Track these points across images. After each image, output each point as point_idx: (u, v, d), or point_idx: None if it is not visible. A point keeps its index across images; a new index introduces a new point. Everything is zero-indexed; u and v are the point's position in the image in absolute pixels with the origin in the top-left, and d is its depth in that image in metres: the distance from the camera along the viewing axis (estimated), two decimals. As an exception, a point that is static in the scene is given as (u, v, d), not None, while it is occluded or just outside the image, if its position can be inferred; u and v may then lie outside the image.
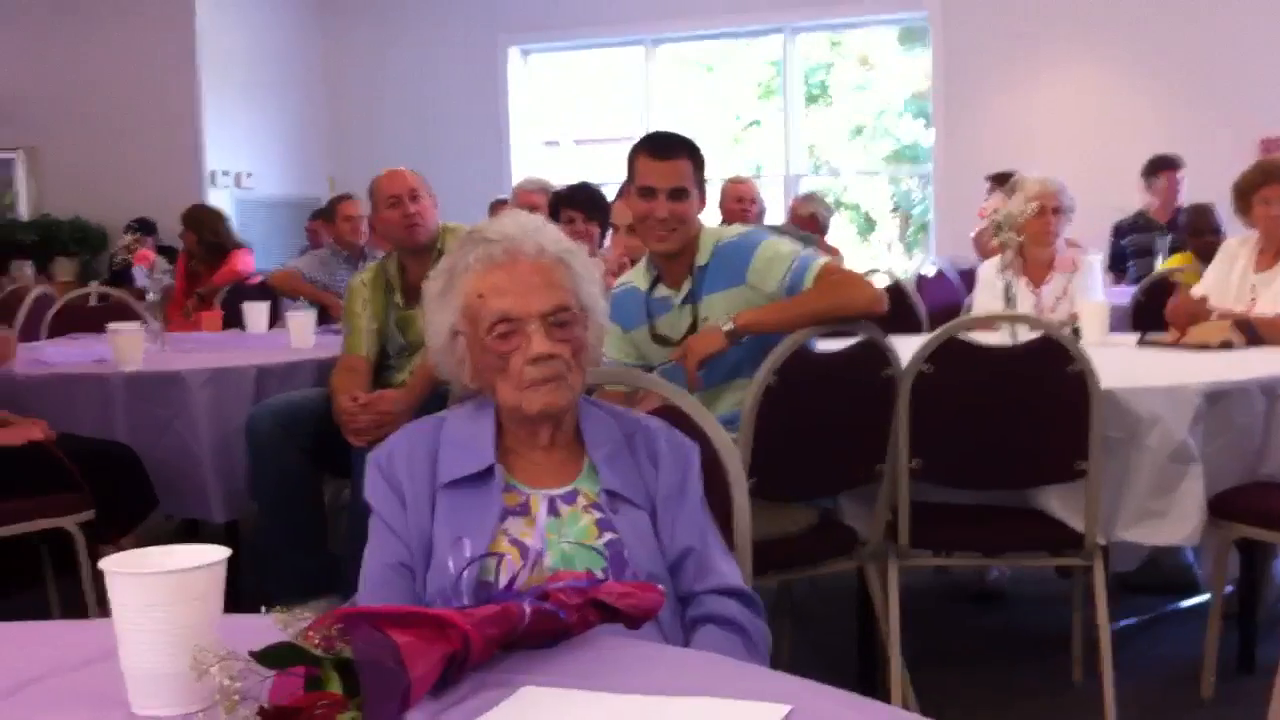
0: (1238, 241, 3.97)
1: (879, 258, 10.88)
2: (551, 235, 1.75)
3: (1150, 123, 7.73)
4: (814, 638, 3.54)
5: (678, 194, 2.84)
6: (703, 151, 2.95)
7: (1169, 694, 3.18)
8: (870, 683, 3.05)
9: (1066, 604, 3.35)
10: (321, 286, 5.52)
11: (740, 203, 5.91)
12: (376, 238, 5.16)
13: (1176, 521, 2.91)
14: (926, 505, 2.92)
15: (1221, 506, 2.98)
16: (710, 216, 3.13)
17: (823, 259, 2.83)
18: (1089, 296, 4.05)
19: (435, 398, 3.25)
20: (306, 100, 9.82)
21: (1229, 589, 3.28)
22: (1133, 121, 7.84)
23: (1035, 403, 2.84)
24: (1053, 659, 3.35)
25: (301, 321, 4.36)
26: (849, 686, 1.19)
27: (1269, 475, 3.10)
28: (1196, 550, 3.67)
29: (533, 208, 3.97)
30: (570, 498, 1.67)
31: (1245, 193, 3.78)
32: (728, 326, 2.72)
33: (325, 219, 6.66)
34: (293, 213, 9.10)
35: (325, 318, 5.07)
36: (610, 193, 4.71)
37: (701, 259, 2.89)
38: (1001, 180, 6.55)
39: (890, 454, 2.85)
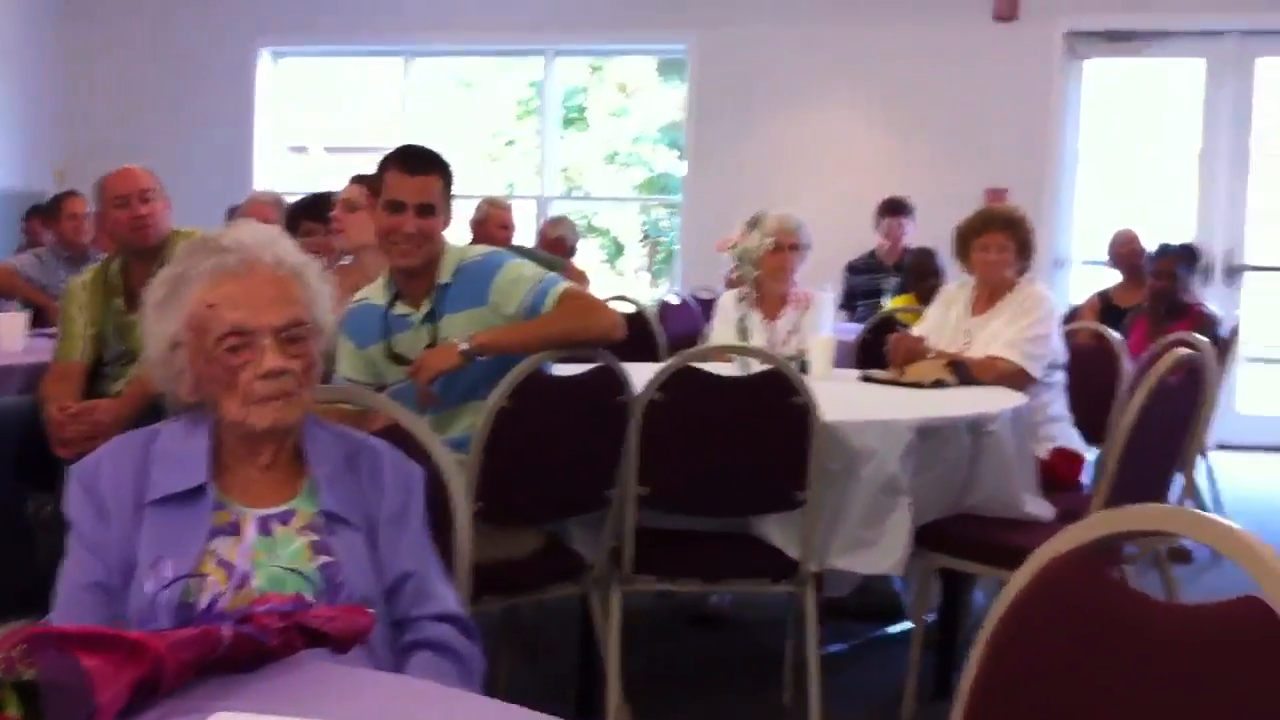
0: (956, 285, 4.21)
1: (627, 284, 11.07)
2: (287, 248, 1.72)
3: (888, 167, 8.12)
4: (539, 663, 3.55)
5: (425, 210, 2.83)
6: (453, 170, 2.95)
7: (872, 717, 3.33)
8: (589, 707, 3.09)
9: (784, 628, 3.47)
10: (39, 287, 5.24)
11: (504, 229, 5.92)
12: (103, 238, 4.93)
13: (885, 551, 3.05)
14: (652, 531, 2.98)
15: (927, 537, 3.15)
16: (456, 234, 3.12)
17: (565, 284, 2.86)
18: (819, 332, 4.22)
19: (152, 410, 3.12)
20: (37, 89, 9.28)
21: (931, 617, 3.46)
22: (872, 165, 8.22)
23: (760, 433, 2.94)
24: (766, 682, 3.46)
25: (11, 323, 4.12)
26: (567, 711, 1.21)
27: (972, 508, 3.29)
28: (905, 579, 3.86)
29: (264, 220, 3.86)
30: (286, 517, 1.64)
31: (965, 238, 4.00)
32: (464, 345, 2.72)
33: (47, 216, 6.31)
34: (11, 206, 8.56)
35: (43, 320, 4.80)
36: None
37: (443, 278, 2.88)
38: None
39: (620, 480, 2.90)
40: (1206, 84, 8.04)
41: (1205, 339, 3.65)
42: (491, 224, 5.90)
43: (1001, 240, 3.90)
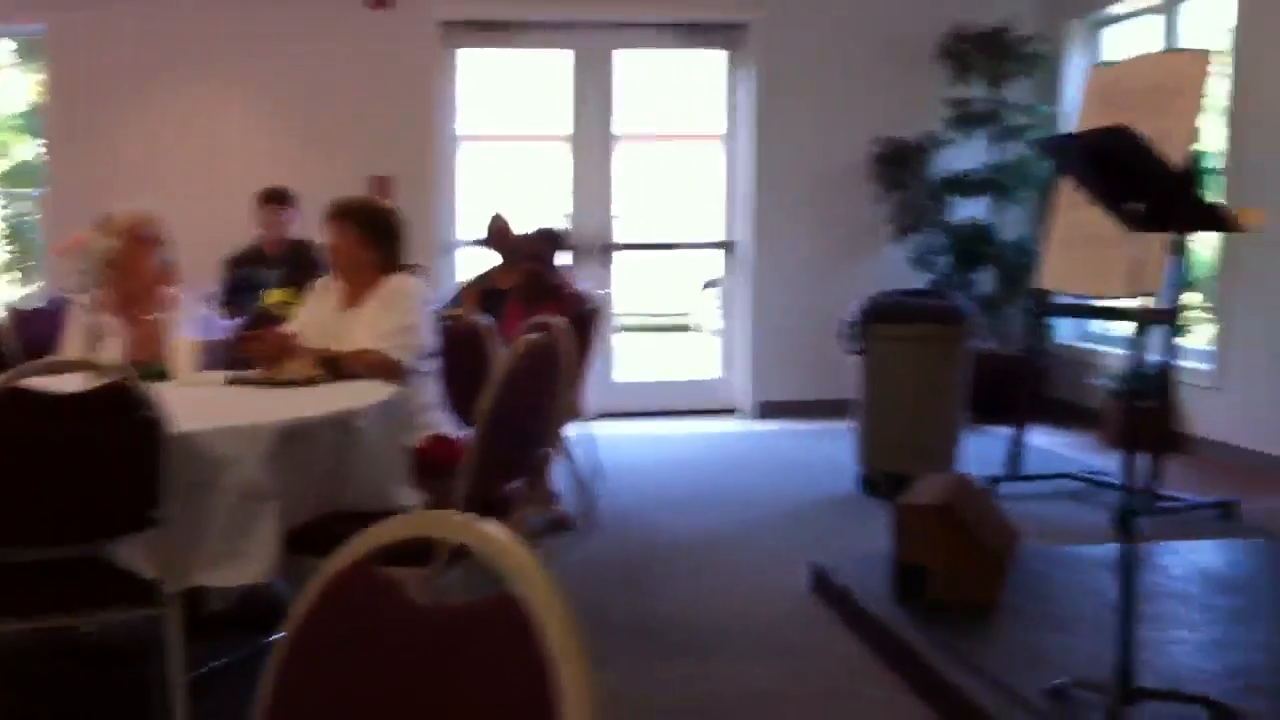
0: (328, 279, 4.17)
1: (-8, 285, 10.04)
2: None
3: (269, 155, 7.93)
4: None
5: None
6: None
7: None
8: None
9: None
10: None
11: None
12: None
13: (254, 560, 2.96)
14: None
15: (299, 540, 3.09)
16: None
17: None
18: (185, 333, 4.01)
19: None
20: None
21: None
22: (252, 153, 7.98)
23: (103, 452, 2.74)
24: (142, 712, 3.25)
25: None
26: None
27: (349, 506, 3.27)
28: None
29: None
30: None
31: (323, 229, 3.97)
32: None
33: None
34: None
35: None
36: None
37: None
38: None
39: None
40: (575, 73, 8.56)
41: (562, 320, 3.85)
42: None
43: (341, 228, 3.90)
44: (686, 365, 10.93)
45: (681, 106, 9.18)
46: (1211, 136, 6.74)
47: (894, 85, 8.40)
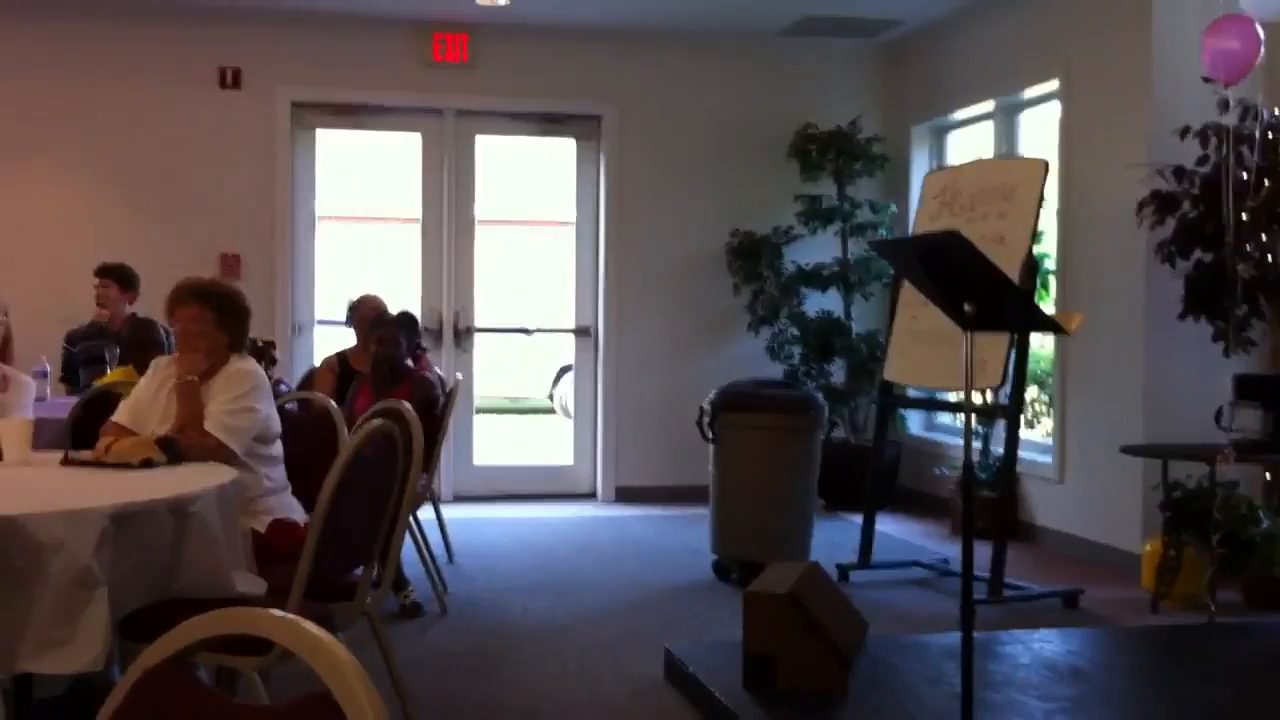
0: (166, 360, 4.06)
1: None
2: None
3: (114, 233, 7.75)
4: None
5: None
6: None
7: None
8: None
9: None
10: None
11: None
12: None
13: (83, 647, 2.83)
14: None
15: (130, 627, 2.97)
16: None
17: None
18: (17, 413, 3.87)
19: None
20: None
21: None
22: (97, 231, 7.80)
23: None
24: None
25: None
26: None
27: (180, 591, 3.16)
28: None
29: None
30: None
31: (169, 310, 3.88)
32: None
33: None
34: None
35: None
36: None
37: None
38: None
39: None
40: (424, 157, 8.55)
41: (409, 406, 3.81)
42: None
43: (194, 312, 3.82)
44: (545, 449, 10.89)
45: (539, 192, 9.26)
46: (1046, 240, 7.04)
47: (748, 179, 8.60)
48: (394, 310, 6.09)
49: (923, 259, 4.12)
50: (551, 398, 13.48)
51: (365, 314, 6.20)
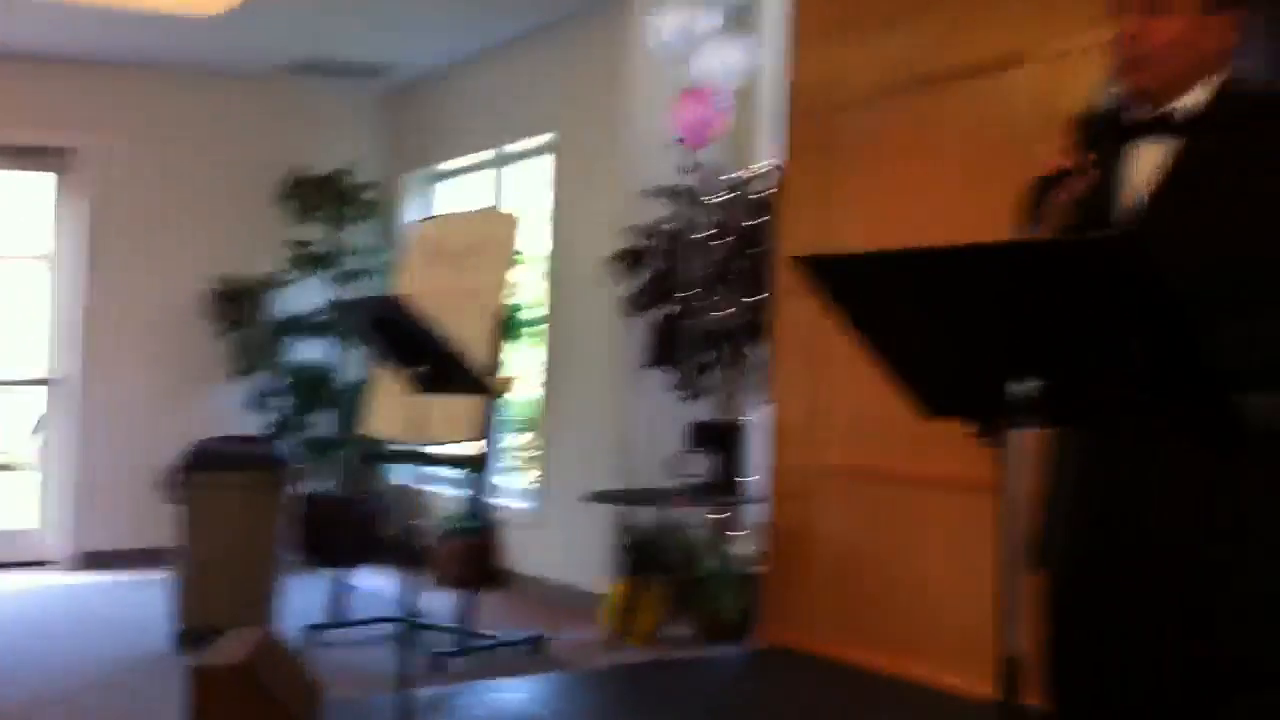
0: None
1: None
2: None
3: None
4: None
5: None
6: None
7: None
8: None
9: None
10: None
11: None
12: None
13: None
14: None
15: None
16: None
17: None
18: None
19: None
20: None
21: None
22: None
23: None
24: None
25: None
26: None
27: None
28: None
29: None
30: None
31: None
32: None
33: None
34: None
35: None
36: None
37: None
38: None
39: None
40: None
41: None
42: None
43: None
44: (3, 512, 9.89)
45: (11, 229, 8.44)
46: (534, 291, 7.25)
47: (236, 223, 8.28)
48: None
49: (372, 321, 4.09)
50: (19, 454, 12.30)
51: None
